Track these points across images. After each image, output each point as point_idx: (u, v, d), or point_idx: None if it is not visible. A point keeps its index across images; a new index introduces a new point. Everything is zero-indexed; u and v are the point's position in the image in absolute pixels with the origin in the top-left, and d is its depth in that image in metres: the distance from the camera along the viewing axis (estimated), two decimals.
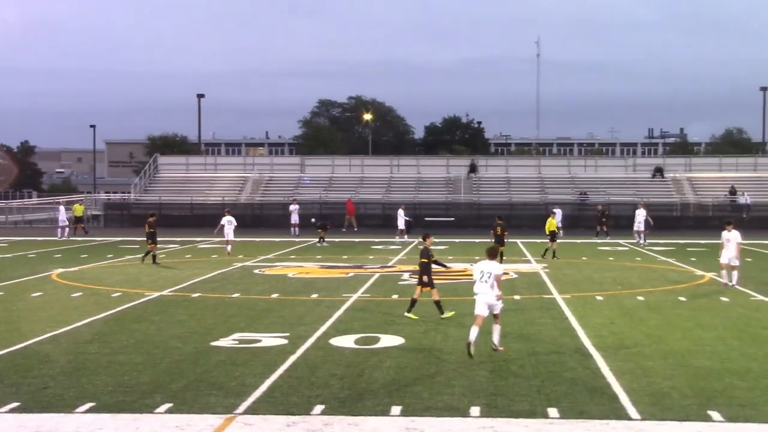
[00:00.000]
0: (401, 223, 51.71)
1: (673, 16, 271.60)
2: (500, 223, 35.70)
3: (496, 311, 15.93)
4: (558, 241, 38.82)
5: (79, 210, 57.27)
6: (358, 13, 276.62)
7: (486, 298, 15.65)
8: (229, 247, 39.14)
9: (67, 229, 53.99)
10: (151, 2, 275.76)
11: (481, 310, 15.65)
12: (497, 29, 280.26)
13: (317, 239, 47.20)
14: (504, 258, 36.09)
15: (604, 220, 51.69)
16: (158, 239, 35.75)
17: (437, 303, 20.31)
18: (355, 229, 59.09)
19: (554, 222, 39.34)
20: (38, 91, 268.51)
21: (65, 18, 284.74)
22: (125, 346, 16.81)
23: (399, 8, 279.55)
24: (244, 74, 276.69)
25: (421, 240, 21.68)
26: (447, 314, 20.11)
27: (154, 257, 34.68)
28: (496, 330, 16.08)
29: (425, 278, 20.44)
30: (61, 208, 55.32)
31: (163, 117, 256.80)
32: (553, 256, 37.11)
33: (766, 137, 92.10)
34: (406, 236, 50.70)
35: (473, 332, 15.15)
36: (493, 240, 34.64)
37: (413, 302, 20.53)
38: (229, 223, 39.73)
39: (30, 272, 31.20)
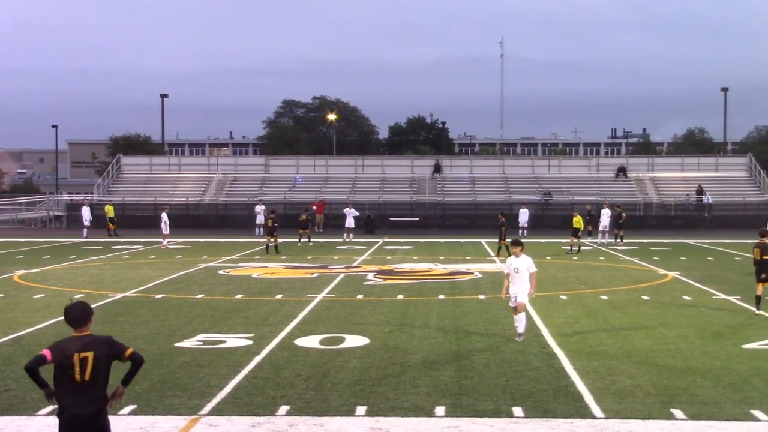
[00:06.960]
0: (349, 222, 52.33)
1: (636, 16, 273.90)
2: (503, 221, 39.14)
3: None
4: (582, 239, 41.59)
5: (110, 210, 57.35)
6: (322, 13, 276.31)
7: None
8: (165, 242, 44.23)
9: (86, 229, 53.51)
10: (114, 1, 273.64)
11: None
12: (461, 29, 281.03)
13: (299, 238, 46.73)
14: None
15: (587, 219, 51.56)
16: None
17: (758, 298, 20.64)
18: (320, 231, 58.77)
19: (579, 219, 41.59)
20: None
21: (27, 16, 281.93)
22: None
23: (363, 8, 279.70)
24: (208, 74, 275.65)
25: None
26: (761, 312, 20.35)
27: (274, 248, 40.35)
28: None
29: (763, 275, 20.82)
30: (86, 208, 55.64)
31: (126, 117, 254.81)
32: (578, 249, 40.28)
33: (727, 137, 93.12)
34: (351, 235, 51.22)
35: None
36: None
37: (758, 299, 20.70)
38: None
39: None
